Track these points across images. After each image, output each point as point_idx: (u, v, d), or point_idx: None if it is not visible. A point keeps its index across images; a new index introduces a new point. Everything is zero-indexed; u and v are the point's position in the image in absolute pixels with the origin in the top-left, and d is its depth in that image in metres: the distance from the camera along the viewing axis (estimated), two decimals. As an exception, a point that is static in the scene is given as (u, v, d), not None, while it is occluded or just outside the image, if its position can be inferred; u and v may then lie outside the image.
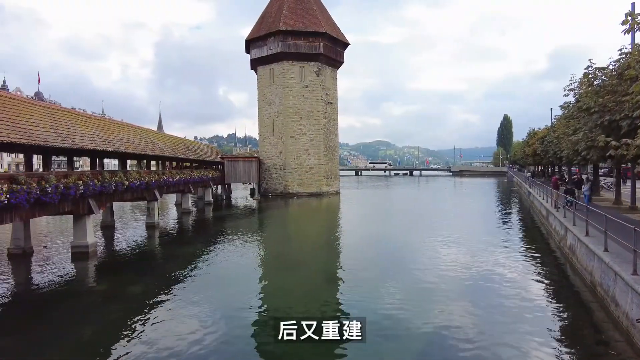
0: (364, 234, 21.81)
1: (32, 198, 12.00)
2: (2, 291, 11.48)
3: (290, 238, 21.49)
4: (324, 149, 45.46)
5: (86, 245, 15.59)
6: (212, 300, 10.54)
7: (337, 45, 46.83)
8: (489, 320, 8.78)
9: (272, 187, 45.63)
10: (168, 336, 8.10)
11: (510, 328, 8.36)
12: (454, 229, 21.51)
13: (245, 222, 26.74)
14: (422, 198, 45.70)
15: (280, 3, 45.25)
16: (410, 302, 10.04)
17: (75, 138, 15.68)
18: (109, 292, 11.49)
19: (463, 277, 12.21)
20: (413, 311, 9.39)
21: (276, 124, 45.65)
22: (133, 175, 19.81)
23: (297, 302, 10.37)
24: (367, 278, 12.53)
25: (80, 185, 14.65)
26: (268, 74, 46.08)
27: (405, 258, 15.35)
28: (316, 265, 14.43)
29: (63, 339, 8.25)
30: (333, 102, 47.43)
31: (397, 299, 10.27)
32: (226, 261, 15.11)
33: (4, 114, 12.47)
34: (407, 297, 10.44)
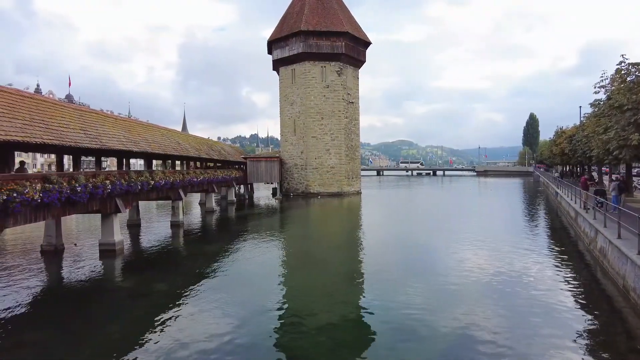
0: (386, 234, 21.65)
1: (63, 197, 12.40)
2: (37, 286, 11.93)
3: (311, 237, 21.53)
4: (345, 148, 45.36)
5: (113, 243, 16.02)
6: (234, 298, 10.66)
7: (359, 45, 46.64)
8: (515, 325, 8.54)
9: (294, 187, 45.84)
10: (191, 333, 8.23)
11: (537, 333, 8.12)
12: (478, 230, 21.11)
13: (267, 222, 26.94)
14: (446, 198, 45.02)
15: (302, 3, 45.39)
16: (433, 304, 9.89)
17: (103, 139, 16.13)
18: (136, 289, 11.77)
19: (488, 279, 11.95)
20: (435, 313, 9.24)
21: (297, 124, 45.83)
22: (158, 175, 20.23)
23: (317, 302, 10.38)
24: (388, 279, 12.43)
25: (108, 184, 15.06)
26: (290, 74, 46.29)
27: (428, 259, 15.16)
28: (337, 265, 14.41)
29: (94, 333, 8.50)
30: (354, 101, 47.27)
31: (418, 301, 10.14)
32: (248, 260, 15.26)
33: (38, 117, 12.95)
34: (429, 299, 10.29)
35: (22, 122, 11.91)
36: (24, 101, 13.15)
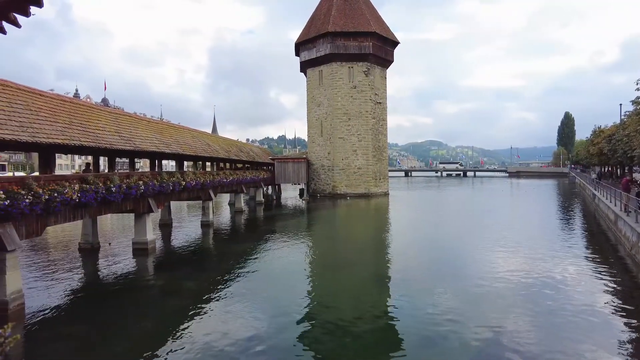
0: (414, 236, 21.38)
1: (99, 197, 12.90)
2: (75, 282, 12.46)
3: (338, 239, 21.52)
4: (372, 149, 45.10)
5: (146, 242, 16.52)
6: (262, 298, 10.78)
7: (387, 45, 46.30)
8: (549, 334, 8.21)
9: (321, 188, 45.94)
10: (219, 331, 8.39)
11: (572, 343, 7.81)
12: (510, 233, 20.50)
13: (295, 222, 27.11)
14: (477, 200, 43.97)
15: (329, 5, 45.49)
16: (461, 309, 9.66)
17: (136, 141, 16.67)
18: (166, 287, 12.10)
19: (520, 284, 11.58)
20: (464, 318, 9.02)
21: (324, 125, 45.92)
22: (189, 176, 20.72)
23: (344, 304, 10.36)
24: (416, 281, 12.27)
25: (141, 185, 15.53)
26: (317, 75, 46.46)
27: (458, 262, 14.84)
28: (364, 267, 14.33)
29: (127, 328, 8.81)
30: (382, 101, 46.94)
31: (447, 305, 9.95)
32: (276, 260, 15.40)
33: (77, 120, 13.54)
34: (458, 303, 10.07)
35: (62, 125, 12.48)
36: (64, 105, 13.77)
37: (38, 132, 11.09)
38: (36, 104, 12.14)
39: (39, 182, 10.60)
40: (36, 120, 11.49)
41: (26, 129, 10.74)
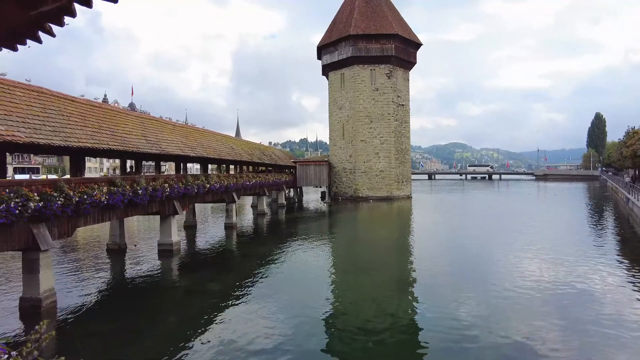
0: (438, 240, 21.07)
1: (126, 199, 13.25)
2: (103, 282, 12.84)
3: (360, 242, 21.42)
4: (395, 152, 44.75)
5: (171, 243, 16.85)
6: (283, 301, 10.83)
7: (409, 46, 45.95)
8: (581, 345, 7.89)
9: (342, 191, 45.86)
10: (241, 333, 8.47)
11: (606, 354, 7.53)
12: (538, 238, 19.95)
13: (316, 225, 27.15)
14: (503, 204, 43.01)
15: (351, 8, 45.51)
16: (487, 315, 9.45)
17: (162, 144, 17.06)
18: (191, 288, 12.30)
19: (549, 291, 11.23)
20: (489, 325, 8.82)
21: (346, 128, 45.86)
22: (213, 179, 21.04)
23: (366, 308, 10.28)
24: (440, 286, 12.08)
25: (167, 187, 15.87)
26: (339, 78, 46.50)
27: (483, 267, 14.53)
28: (386, 271, 14.22)
29: (151, 327, 9.00)
30: (405, 103, 46.56)
31: (472, 310, 9.75)
32: (297, 262, 15.45)
33: (105, 124, 13.96)
34: (483, 309, 9.85)
35: (91, 130, 12.90)
36: (94, 111, 14.24)
37: (69, 137, 11.50)
38: (68, 110, 12.60)
39: (70, 184, 10.98)
40: (68, 125, 11.92)
41: (58, 134, 11.15)
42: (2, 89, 10.65)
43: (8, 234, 9.12)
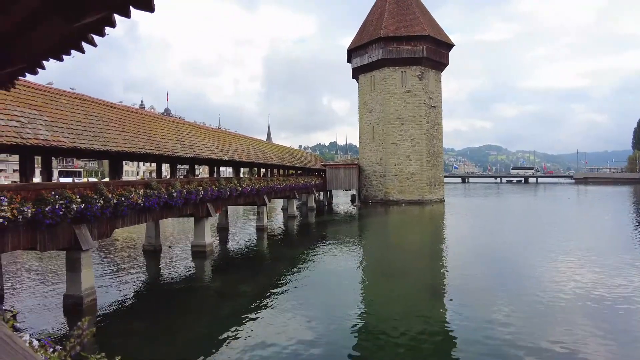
0: (472, 245, 20.51)
1: (161, 201, 13.67)
2: (139, 282, 13.28)
3: (391, 246, 21.16)
4: (426, 154, 44.04)
5: (204, 245, 17.24)
6: (313, 304, 10.84)
7: (441, 47, 45.22)
8: (622, 357, 7.55)
9: (372, 194, 45.52)
10: (271, 335, 8.54)
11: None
12: (578, 244, 19.10)
13: (346, 229, 27.06)
14: (540, 208, 41.43)
15: (381, 10, 45.29)
16: (522, 323, 9.10)
17: (196, 148, 17.50)
18: (222, 289, 12.53)
19: (589, 300, 10.70)
20: (525, 333, 8.49)
21: (376, 131, 45.56)
22: (245, 182, 21.39)
23: (396, 313, 10.14)
24: (473, 293, 11.75)
25: (200, 190, 16.26)
26: (369, 81, 46.30)
27: (519, 274, 14.02)
28: (418, 276, 13.97)
29: (185, 327, 9.22)
30: (437, 105, 45.79)
31: (507, 319, 9.42)
32: (327, 265, 15.44)
33: (142, 129, 14.48)
34: (518, 317, 9.50)
35: (129, 134, 13.41)
36: (131, 116, 14.79)
37: (108, 141, 12.00)
38: (107, 115, 13.15)
39: (109, 187, 11.44)
40: (107, 130, 12.44)
41: (98, 139, 11.66)
42: (49, 97, 11.25)
43: (53, 234, 9.60)
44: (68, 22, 1.61)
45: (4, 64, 2.27)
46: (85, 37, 1.93)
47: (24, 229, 8.82)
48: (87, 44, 2.00)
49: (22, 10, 1.63)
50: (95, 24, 1.73)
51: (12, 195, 8.28)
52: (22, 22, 1.74)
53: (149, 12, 1.59)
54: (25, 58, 2.22)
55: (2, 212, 7.85)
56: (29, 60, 2.28)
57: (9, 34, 1.89)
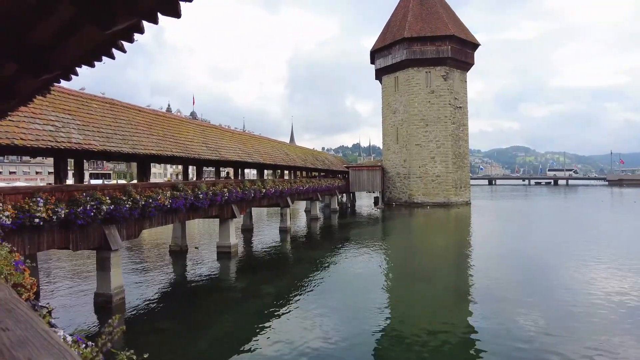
0: (499, 249, 20.02)
1: (188, 203, 13.94)
2: (166, 281, 13.58)
3: (415, 249, 20.91)
4: (452, 156, 43.32)
5: (229, 246, 17.47)
6: (336, 306, 10.82)
7: (466, 47, 44.46)
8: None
9: (396, 196, 45.10)
10: (293, 336, 8.57)
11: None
12: (611, 249, 18.38)
13: (369, 231, 26.91)
14: (571, 211, 40.08)
15: (405, 11, 44.92)
16: (552, 330, 8.82)
17: (221, 151, 17.78)
18: (247, 289, 12.66)
19: (622, 307, 10.26)
20: (555, 340, 8.23)
21: (400, 132, 45.14)
22: (269, 184, 21.58)
23: (421, 317, 10.02)
24: (500, 297, 11.46)
25: (225, 192, 16.50)
26: (392, 82, 45.97)
27: (548, 279, 13.60)
28: (443, 280, 13.74)
29: (210, 325, 9.37)
30: (462, 106, 45.01)
31: (535, 325, 9.15)
32: (350, 268, 15.38)
33: (169, 132, 14.82)
34: (548, 323, 9.21)
35: (157, 137, 13.74)
36: (158, 120, 15.17)
37: (137, 144, 12.33)
38: (136, 119, 13.53)
39: (137, 189, 11.76)
40: (135, 133, 12.80)
41: (127, 142, 12.00)
42: (81, 102, 11.67)
43: (85, 234, 9.94)
44: (100, 29, 1.67)
45: (41, 72, 2.38)
46: (115, 44, 2.00)
47: (58, 229, 9.17)
48: (117, 50, 2.07)
49: (58, 19, 1.71)
50: (124, 31, 1.79)
51: (47, 197, 8.62)
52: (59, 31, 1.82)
53: (176, 17, 1.64)
54: (60, 65, 2.32)
55: (38, 213, 8.19)
56: (64, 67, 2.38)
57: (46, 43, 1.98)
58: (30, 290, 2.91)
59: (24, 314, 0.62)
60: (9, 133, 8.43)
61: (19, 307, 0.65)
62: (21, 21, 1.81)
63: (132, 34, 1.84)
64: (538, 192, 75.44)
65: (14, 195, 8.11)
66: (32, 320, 0.60)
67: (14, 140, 8.39)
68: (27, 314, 0.62)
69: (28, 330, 0.57)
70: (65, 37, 1.89)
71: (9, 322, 0.57)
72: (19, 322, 0.58)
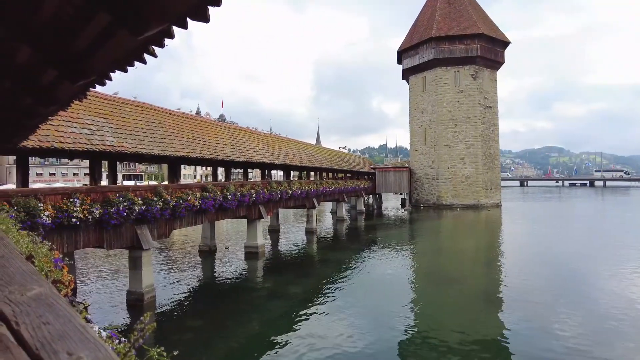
0: (532, 253, 19.36)
1: (216, 204, 14.20)
2: (195, 280, 13.88)
3: (443, 252, 20.52)
4: (482, 157, 42.34)
5: (256, 246, 17.68)
6: (363, 308, 10.75)
7: (496, 45, 43.41)
8: None
9: (424, 198, 44.45)
10: (320, 338, 8.58)
11: None
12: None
13: (396, 233, 26.63)
14: (610, 214, 38.42)
15: (432, 10, 44.31)
16: (589, 340, 8.47)
17: (249, 153, 18.03)
18: (273, 290, 12.77)
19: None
20: (592, 351, 7.90)
21: (428, 133, 44.49)
22: (295, 185, 21.72)
23: (449, 321, 9.82)
24: (533, 303, 11.09)
25: (253, 193, 16.71)
26: (420, 82, 45.40)
27: (585, 285, 13.07)
28: (473, 284, 13.42)
29: (238, 326, 9.50)
30: (492, 105, 43.95)
31: (570, 333, 8.80)
32: (377, 270, 15.26)
33: (198, 135, 15.15)
34: (584, 333, 8.85)
35: (186, 140, 14.08)
36: (188, 122, 15.53)
37: (168, 146, 12.67)
38: (166, 122, 13.90)
39: (168, 190, 12.07)
40: (166, 136, 13.15)
41: (158, 144, 12.34)
42: (115, 106, 12.09)
43: (118, 233, 10.28)
44: (133, 35, 1.73)
45: (78, 78, 2.48)
46: (146, 49, 2.07)
47: (93, 228, 9.52)
48: (148, 55, 2.14)
49: (95, 27, 1.78)
50: (155, 36, 1.84)
51: (83, 197, 8.98)
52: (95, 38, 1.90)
53: (205, 22, 1.67)
54: (95, 71, 2.41)
55: (75, 213, 8.53)
56: (99, 72, 2.48)
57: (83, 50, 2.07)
58: (68, 286, 3.04)
59: (63, 309, 0.65)
60: (49, 137, 8.83)
61: (59, 302, 0.68)
62: (62, 30, 1.89)
63: (162, 39, 1.90)
64: (572, 194, 72.68)
65: (53, 196, 8.48)
66: (71, 316, 0.63)
67: (53, 144, 8.78)
68: (66, 309, 0.65)
69: (67, 324, 0.59)
70: (101, 44, 1.96)
71: (50, 316, 0.60)
72: (59, 316, 0.61)
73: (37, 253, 2.81)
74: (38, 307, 0.62)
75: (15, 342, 0.51)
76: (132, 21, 1.65)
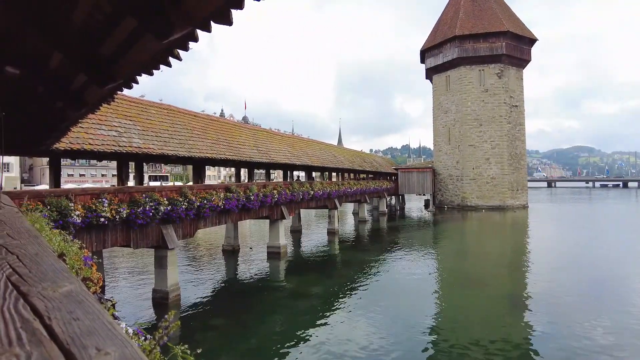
0: (560, 256, 18.81)
1: (240, 204, 14.37)
2: (219, 279, 14.09)
3: (468, 254, 20.15)
4: (507, 157, 41.37)
5: (279, 247, 17.80)
6: (385, 309, 10.67)
7: (522, 43, 42.36)
8: None
9: (448, 199, 43.76)
10: (342, 339, 8.56)
11: None
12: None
13: (420, 234, 26.32)
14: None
15: (455, 9, 43.64)
16: (621, 346, 8.15)
17: (271, 154, 18.18)
18: (295, 290, 12.82)
19: None
20: (623, 351, 7.61)
21: (452, 133, 43.79)
22: (317, 186, 21.76)
23: (474, 325, 9.63)
24: (561, 307, 10.77)
25: (275, 194, 16.83)
26: (444, 81, 44.75)
27: (617, 290, 12.58)
28: (498, 287, 13.12)
29: (260, 325, 9.59)
30: (518, 104, 42.90)
31: (602, 340, 8.49)
32: (399, 271, 15.12)
33: (222, 136, 15.38)
34: (616, 339, 8.51)
35: (211, 141, 14.31)
36: (212, 124, 15.78)
37: (192, 148, 12.91)
38: (191, 124, 14.16)
39: (192, 190, 12.29)
40: (191, 137, 13.40)
41: (183, 145, 12.59)
42: (141, 109, 12.40)
43: (144, 233, 10.53)
44: (158, 39, 1.77)
45: (106, 81, 2.56)
46: (172, 52, 2.11)
47: (120, 228, 9.79)
48: (173, 58, 2.19)
49: (122, 32, 1.83)
50: (180, 40, 1.88)
51: (111, 197, 9.24)
52: (122, 43, 1.96)
53: (228, 25, 1.70)
54: (123, 75, 2.49)
55: (103, 212, 8.80)
56: (126, 76, 2.55)
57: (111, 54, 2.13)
58: (97, 284, 3.14)
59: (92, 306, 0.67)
60: (79, 139, 9.14)
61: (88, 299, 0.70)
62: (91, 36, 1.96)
63: (187, 42, 1.94)
64: (603, 195, 70.16)
65: (83, 196, 8.77)
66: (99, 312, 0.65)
67: (83, 146, 9.08)
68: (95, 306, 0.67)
69: (95, 321, 0.61)
70: (128, 49, 2.02)
71: (79, 312, 0.62)
72: (88, 313, 0.63)
73: (68, 251, 2.91)
74: (69, 304, 0.65)
75: (47, 336, 0.53)
76: (157, 26, 1.70)
